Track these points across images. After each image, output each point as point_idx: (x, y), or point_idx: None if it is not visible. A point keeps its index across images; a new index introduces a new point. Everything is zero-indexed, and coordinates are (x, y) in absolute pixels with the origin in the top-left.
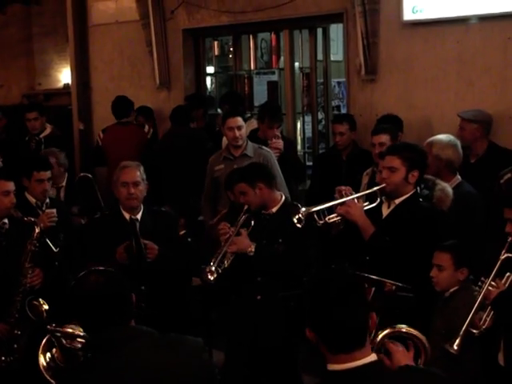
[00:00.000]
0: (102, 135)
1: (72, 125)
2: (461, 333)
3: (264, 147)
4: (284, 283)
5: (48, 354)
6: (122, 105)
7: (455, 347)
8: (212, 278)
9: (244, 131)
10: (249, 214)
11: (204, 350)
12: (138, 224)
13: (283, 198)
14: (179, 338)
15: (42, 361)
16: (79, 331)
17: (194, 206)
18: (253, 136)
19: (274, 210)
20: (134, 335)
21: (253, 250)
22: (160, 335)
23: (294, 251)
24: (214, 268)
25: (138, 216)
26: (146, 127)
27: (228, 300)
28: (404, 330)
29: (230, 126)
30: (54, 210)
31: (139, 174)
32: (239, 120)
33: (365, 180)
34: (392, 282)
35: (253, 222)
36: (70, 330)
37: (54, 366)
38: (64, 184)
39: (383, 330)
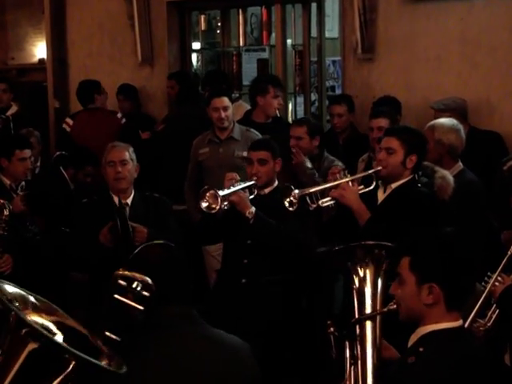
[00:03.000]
0: (71, 122)
1: (47, 103)
2: None
3: (252, 130)
4: (271, 267)
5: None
6: (82, 90)
7: None
8: (214, 206)
9: (230, 112)
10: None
11: (250, 354)
12: (127, 209)
13: (276, 182)
14: (228, 336)
15: None
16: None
17: None
18: (247, 119)
19: (267, 191)
20: (190, 320)
21: (253, 212)
22: (211, 329)
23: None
24: (219, 198)
25: (129, 200)
26: (119, 114)
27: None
28: None
29: (216, 106)
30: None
31: (127, 153)
32: (225, 100)
33: (360, 166)
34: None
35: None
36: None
37: None
38: (38, 165)
39: None
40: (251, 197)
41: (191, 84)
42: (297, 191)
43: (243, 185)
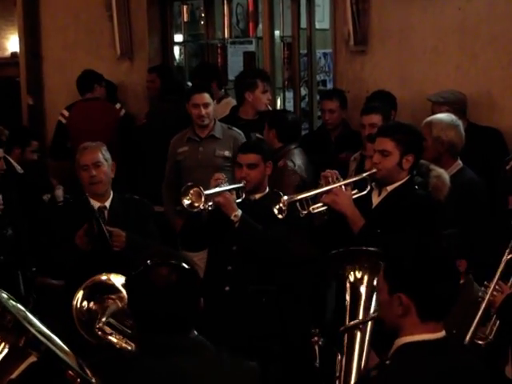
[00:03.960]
0: (66, 113)
1: (20, 99)
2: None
3: (234, 128)
4: (258, 275)
5: (85, 303)
6: (83, 78)
7: None
8: (197, 205)
9: (211, 109)
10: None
11: (257, 379)
12: (106, 212)
13: (268, 188)
14: (235, 360)
15: (78, 296)
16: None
17: None
18: (233, 116)
19: (257, 196)
20: (190, 347)
21: (238, 215)
22: (216, 353)
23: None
24: (203, 197)
25: (107, 203)
26: (118, 105)
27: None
28: None
29: (195, 102)
30: (0, 197)
31: (101, 154)
32: (206, 96)
33: (352, 166)
34: None
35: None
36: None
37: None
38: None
39: None
40: (238, 200)
41: (174, 78)
42: (286, 197)
43: (230, 186)
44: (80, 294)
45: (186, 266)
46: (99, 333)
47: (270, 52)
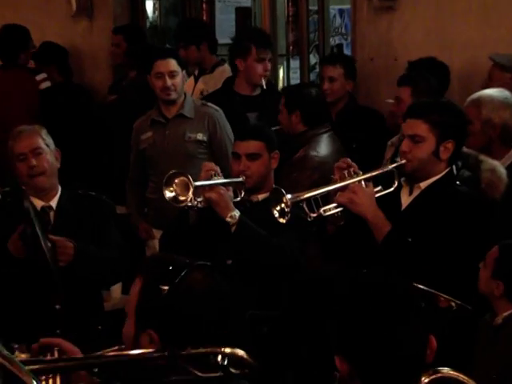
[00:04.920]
0: None
1: None
2: None
3: (210, 104)
4: (259, 297)
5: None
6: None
7: None
8: (183, 199)
9: (180, 80)
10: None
11: None
12: (52, 214)
13: (274, 186)
14: None
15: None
16: None
17: None
18: (226, 90)
19: (261, 197)
20: None
21: (236, 217)
22: None
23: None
24: (192, 189)
25: (53, 202)
26: (42, 75)
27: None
28: (449, 374)
29: (159, 71)
30: None
31: (41, 139)
32: (172, 63)
33: (388, 153)
34: (451, 298)
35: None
36: None
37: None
38: None
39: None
40: (236, 199)
41: (145, 42)
42: (289, 196)
43: (226, 180)
44: None
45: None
46: None
47: (271, 8)
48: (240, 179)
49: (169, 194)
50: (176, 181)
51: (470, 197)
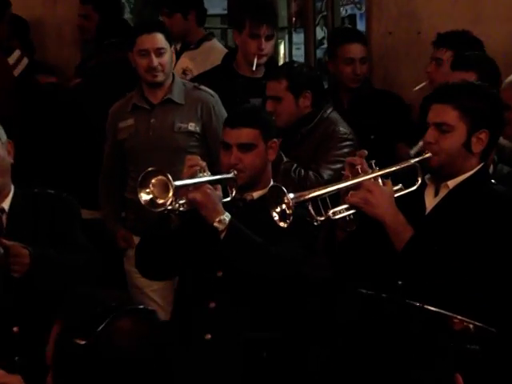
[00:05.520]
0: None
1: None
2: None
3: (204, 87)
4: (253, 316)
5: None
6: None
7: None
8: (162, 202)
9: (168, 58)
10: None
11: None
12: (3, 217)
13: (272, 182)
14: None
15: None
16: None
17: None
18: (226, 69)
19: (256, 195)
20: None
21: (226, 221)
22: None
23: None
24: (172, 190)
25: (5, 204)
26: (16, 53)
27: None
28: None
29: (143, 47)
30: None
31: None
32: (159, 38)
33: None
34: (468, 319)
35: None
36: None
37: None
38: None
39: None
40: (226, 200)
41: (120, 13)
42: (291, 195)
43: (214, 177)
44: None
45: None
46: None
47: None
48: (230, 175)
49: (145, 197)
50: (153, 181)
51: (508, 197)
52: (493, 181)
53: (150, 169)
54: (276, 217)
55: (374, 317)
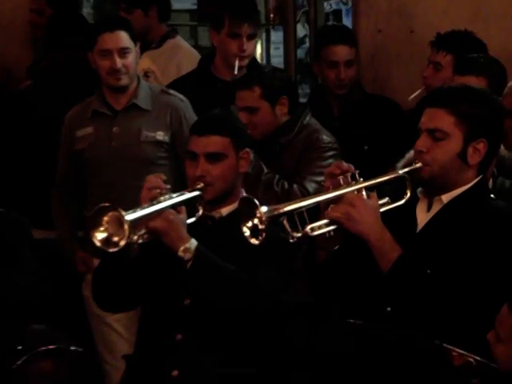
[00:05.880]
0: None
1: None
2: None
3: (173, 92)
4: (224, 350)
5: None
6: None
7: None
8: (117, 240)
9: (133, 59)
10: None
11: None
12: None
13: (244, 194)
14: None
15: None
16: None
17: None
18: (203, 72)
19: (225, 211)
20: None
21: (192, 250)
22: None
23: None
24: (127, 226)
25: None
26: None
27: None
28: None
29: (106, 47)
30: None
31: None
32: (122, 37)
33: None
34: (468, 353)
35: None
36: None
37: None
38: None
39: None
40: (191, 221)
41: (76, 7)
42: (264, 209)
43: (177, 198)
44: None
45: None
46: None
47: None
48: (196, 193)
49: (99, 238)
50: (105, 218)
51: (509, 214)
52: (492, 196)
53: (101, 205)
54: (247, 233)
55: (372, 350)
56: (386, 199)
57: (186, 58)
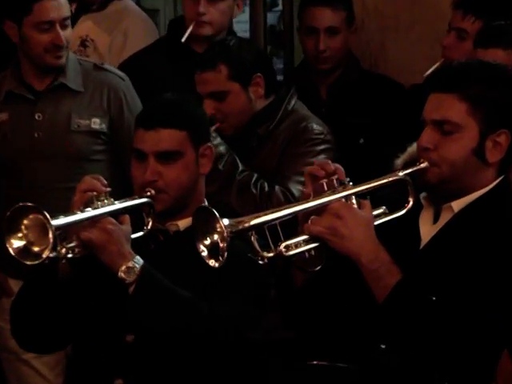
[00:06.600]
0: None
1: None
2: None
3: (109, 67)
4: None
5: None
6: None
7: None
8: (38, 251)
9: (71, 30)
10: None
11: None
12: None
13: (205, 202)
14: None
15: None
16: None
17: None
18: (174, 38)
19: (182, 224)
20: None
21: (136, 270)
22: None
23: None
24: (52, 234)
25: None
26: None
27: None
28: None
29: (46, 19)
30: None
31: None
32: (63, 4)
33: None
34: None
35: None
36: None
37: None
38: None
39: None
40: (138, 235)
41: None
42: (226, 222)
43: (120, 205)
44: None
45: None
46: None
47: None
48: (144, 200)
49: (16, 245)
50: (25, 222)
51: None
52: None
53: (20, 204)
54: (204, 252)
55: None
56: (381, 209)
57: (134, 25)
